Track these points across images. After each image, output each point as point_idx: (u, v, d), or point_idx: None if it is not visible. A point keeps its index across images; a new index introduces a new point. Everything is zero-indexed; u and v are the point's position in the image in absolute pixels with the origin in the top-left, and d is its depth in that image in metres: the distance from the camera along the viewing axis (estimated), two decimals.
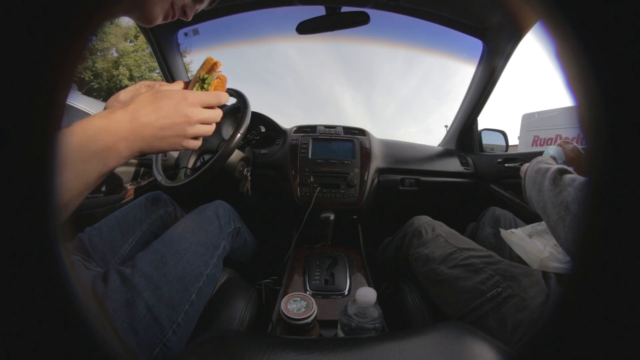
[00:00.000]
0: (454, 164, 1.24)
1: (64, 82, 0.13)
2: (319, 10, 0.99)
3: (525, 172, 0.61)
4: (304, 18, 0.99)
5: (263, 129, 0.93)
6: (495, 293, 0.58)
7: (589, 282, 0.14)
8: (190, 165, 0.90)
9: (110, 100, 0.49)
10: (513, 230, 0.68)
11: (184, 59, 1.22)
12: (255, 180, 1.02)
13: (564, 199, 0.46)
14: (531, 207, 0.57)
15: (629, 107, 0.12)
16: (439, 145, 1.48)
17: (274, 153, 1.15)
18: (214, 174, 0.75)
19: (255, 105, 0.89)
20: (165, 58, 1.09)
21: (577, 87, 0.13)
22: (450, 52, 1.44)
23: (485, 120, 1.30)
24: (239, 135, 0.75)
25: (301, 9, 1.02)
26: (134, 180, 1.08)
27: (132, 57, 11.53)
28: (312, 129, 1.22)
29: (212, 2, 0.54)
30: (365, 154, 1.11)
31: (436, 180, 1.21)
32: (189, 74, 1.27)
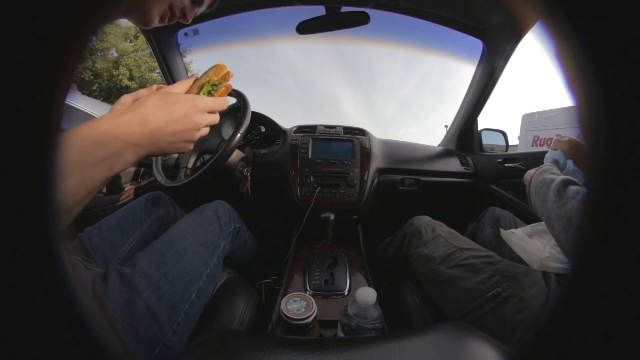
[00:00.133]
0: (454, 164, 1.24)
1: (64, 82, 0.13)
2: (319, 10, 0.99)
3: (530, 181, 0.61)
4: (304, 18, 0.99)
5: (263, 129, 0.93)
6: (495, 293, 0.58)
7: (589, 282, 0.14)
8: (190, 165, 0.90)
9: (115, 105, 0.49)
10: (513, 230, 0.68)
11: (184, 59, 1.22)
12: (255, 180, 1.02)
13: (567, 211, 0.46)
14: (537, 214, 0.57)
15: (629, 107, 0.12)
16: (439, 145, 1.48)
17: (274, 153, 1.15)
18: (214, 174, 0.75)
19: (255, 105, 0.89)
20: (165, 58, 1.09)
21: (577, 87, 0.13)
22: (450, 52, 1.44)
23: (485, 120, 1.30)
24: (239, 135, 0.75)
25: (301, 9, 1.02)
26: (134, 180, 1.08)
27: (132, 57, 11.52)
28: (312, 129, 1.22)
29: (211, 6, 0.55)
30: (365, 154, 1.11)
31: (436, 180, 1.21)
32: (189, 74, 1.27)
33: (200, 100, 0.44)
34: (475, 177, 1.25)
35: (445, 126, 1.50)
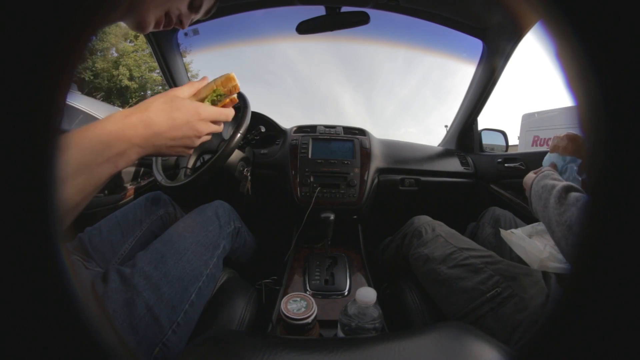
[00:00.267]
0: (454, 164, 1.24)
1: (64, 82, 0.13)
2: (319, 10, 0.98)
3: (531, 186, 0.60)
4: (304, 18, 0.99)
5: (263, 129, 0.93)
6: (495, 293, 0.58)
7: (588, 283, 0.14)
8: (190, 165, 0.90)
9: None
10: (513, 230, 0.68)
11: (184, 59, 1.22)
12: (255, 180, 1.02)
13: (567, 218, 0.46)
14: (538, 218, 0.57)
15: (629, 107, 0.12)
16: (439, 145, 1.48)
17: (274, 153, 1.15)
18: (214, 174, 0.75)
19: (255, 105, 0.89)
20: (165, 58, 1.09)
21: (577, 87, 0.13)
22: (450, 52, 1.44)
23: (485, 120, 1.30)
24: (239, 135, 0.75)
25: (301, 9, 1.02)
26: (134, 180, 1.08)
27: (132, 57, 11.52)
28: (312, 129, 1.22)
29: (208, 12, 0.56)
30: (365, 154, 1.11)
31: (436, 180, 1.21)
32: (189, 74, 1.27)
33: (205, 109, 0.45)
34: (475, 177, 1.25)
35: (445, 126, 1.50)
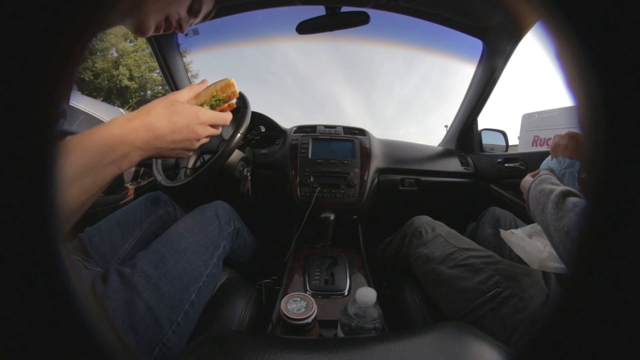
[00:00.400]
0: (454, 164, 1.24)
1: (64, 83, 0.13)
2: (319, 10, 0.98)
3: (529, 190, 0.60)
4: (304, 18, 0.99)
5: (263, 129, 0.93)
6: (495, 293, 0.58)
7: (588, 284, 0.14)
8: (190, 165, 0.90)
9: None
10: (513, 230, 0.68)
11: (184, 59, 1.22)
12: (255, 180, 1.02)
13: (565, 224, 0.46)
14: (536, 222, 0.57)
15: (629, 107, 0.12)
16: (439, 145, 1.48)
17: (274, 153, 1.15)
18: (214, 174, 0.75)
19: (255, 105, 0.89)
20: (165, 58, 1.09)
21: (577, 87, 0.13)
22: (450, 52, 1.44)
23: (485, 120, 1.30)
24: (239, 135, 0.75)
25: (301, 9, 1.02)
26: (134, 180, 1.08)
27: (132, 57, 11.52)
28: (312, 129, 1.22)
29: (207, 17, 0.57)
30: (365, 154, 1.11)
31: (436, 180, 1.21)
32: (189, 74, 1.27)
33: (204, 113, 0.47)
34: (475, 177, 1.24)
35: (445, 126, 1.50)
